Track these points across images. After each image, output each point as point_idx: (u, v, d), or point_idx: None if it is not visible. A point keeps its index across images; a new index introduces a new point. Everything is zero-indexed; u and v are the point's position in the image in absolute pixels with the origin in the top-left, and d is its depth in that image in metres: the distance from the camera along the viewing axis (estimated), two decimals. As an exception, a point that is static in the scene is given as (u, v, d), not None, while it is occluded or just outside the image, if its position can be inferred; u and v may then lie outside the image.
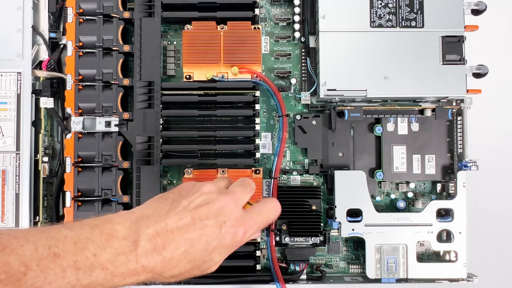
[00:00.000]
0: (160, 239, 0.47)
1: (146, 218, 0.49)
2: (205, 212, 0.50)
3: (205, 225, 0.49)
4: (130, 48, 0.73)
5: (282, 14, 0.79)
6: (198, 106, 0.73)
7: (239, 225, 0.52)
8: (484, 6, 0.73)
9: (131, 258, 0.45)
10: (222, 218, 0.51)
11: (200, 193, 0.52)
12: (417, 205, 0.76)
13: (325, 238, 0.74)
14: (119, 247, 0.45)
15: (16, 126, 0.73)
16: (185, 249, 0.48)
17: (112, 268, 0.45)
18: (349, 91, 0.71)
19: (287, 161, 0.78)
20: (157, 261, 0.47)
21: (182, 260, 0.48)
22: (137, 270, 0.46)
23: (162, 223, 0.48)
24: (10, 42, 0.73)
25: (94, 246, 0.44)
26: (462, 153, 0.75)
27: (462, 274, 0.72)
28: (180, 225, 0.48)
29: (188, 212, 0.50)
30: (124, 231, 0.46)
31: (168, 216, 0.49)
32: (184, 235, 0.48)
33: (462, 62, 0.72)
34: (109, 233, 0.46)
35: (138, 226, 0.47)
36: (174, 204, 0.51)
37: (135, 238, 0.46)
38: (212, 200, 0.51)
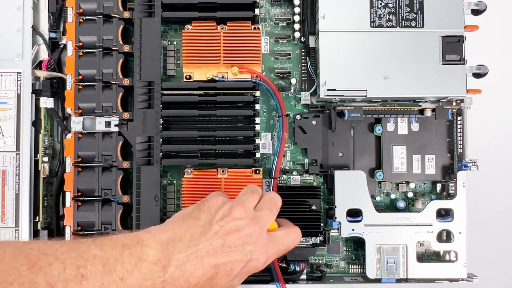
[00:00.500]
0: (190, 265, 0.47)
1: (178, 241, 0.49)
2: (234, 240, 0.51)
3: (232, 253, 0.50)
4: (130, 48, 0.73)
5: (282, 14, 0.79)
6: (198, 106, 0.73)
7: (262, 254, 0.53)
8: (484, 6, 0.73)
9: (157, 284, 0.45)
10: (249, 247, 0.52)
11: (231, 217, 0.53)
12: (417, 205, 0.76)
13: (325, 238, 0.74)
14: (148, 272, 0.45)
15: (16, 126, 0.73)
16: (211, 276, 0.49)
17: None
18: (349, 91, 0.71)
19: (287, 161, 0.78)
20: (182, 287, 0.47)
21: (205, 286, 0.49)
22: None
23: (193, 248, 0.48)
24: (10, 42, 0.73)
25: (123, 269, 0.44)
26: (462, 153, 0.75)
27: (462, 274, 0.72)
28: (210, 251, 0.49)
29: (219, 239, 0.50)
30: (155, 255, 0.46)
31: (201, 241, 0.49)
32: (212, 261, 0.49)
33: (462, 62, 0.72)
34: (139, 256, 0.45)
35: (169, 250, 0.47)
36: (205, 228, 0.51)
37: (165, 263, 0.46)
38: (242, 228, 0.52)
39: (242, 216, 0.54)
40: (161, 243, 0.48)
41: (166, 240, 0.48)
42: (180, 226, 0.51)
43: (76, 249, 0.44)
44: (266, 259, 0.54)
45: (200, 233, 0.50)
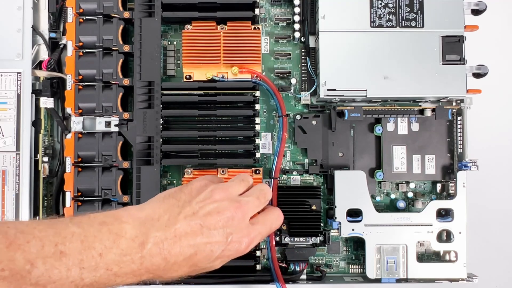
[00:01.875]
0: (167, 243, 0.47)
1: (156, 220, 0.49)
2: (214, 221, 0.50)
3: (212, 235, 0.50)
4: (130, 48, 0.73)
5: (282, 14, 0.79)
6: (198, 106, 0.73)
7: (244, 237, 0.52)
8: (484, 6, 0.73)
9: (135, 260, 0.45)
10: (229, 229, 0.51)
11: (212, 200, 0.52)
12: (417, 205, 0.76)
13: (325, 238, 0.74)
14: (126, 248, 0.45)
15: (16, 126, 0.73)
16: (189, 256, 0.48)
17: (116, 268, 0.45)
18: (349, 91, 0.71)
19: (287, 161, 0.78)
20: (160, 264, 0.47)
21: (184, 266, 0.49)
22: (140, 271, 0.46)
23: (171, 228, 0.48)
24: (10, 42, 0.73)
25: (101, 245, 0.44)
26: (462, 153, 0.75)
27: (462, 274, 0.72)
28: (188, 231, 0.49)
29: (198, 219, 0.50)
30: (133, 232, 0.46)
31: (178, 220, 0.49)
32: (190, 241, 0.48)
33: (462, 62, 0.72)
34: (117, 233, 0.46)
35: (147, 227, 0.47)
36: (185, 208, 0.51)
37: (143, 240, 0.46)
38: (222, 210, 0.51)
39: (224, 198, 0.53)
40: (139, 221, 0.48)
41: (144, 218, 0.48)
42: (159, 206, 0.51)
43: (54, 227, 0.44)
44: (248, 242, 0.53)
45: (179, 213, 0.50)
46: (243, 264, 0.72)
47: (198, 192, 0.53)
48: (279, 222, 0.59)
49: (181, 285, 0.72)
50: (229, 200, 0.53)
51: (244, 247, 0.52)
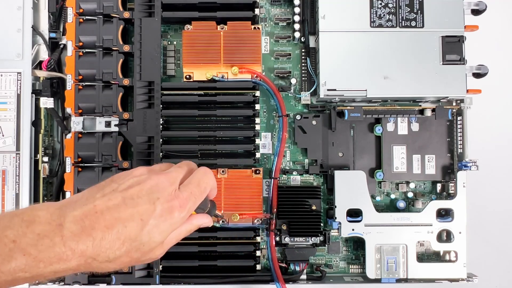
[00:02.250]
0: (88, 220, 0.44)
1: (73, 202, 0.46)
2: (136, 191, 0.47)
3: (137, 203, 0.46)
4: (130, 48, 0.73)
5: (282, 14, 0.79)
6: (198, 106, 0.73)
7: (173, 199, 0.48)
8: (484, 6, 0.73)
9: (57, 241, 0.42)
10: (155, 195, 0.48)
11: (131, 176, 0.49)
12: (417, 205, 0.76)
13: (325, 238, 0.74)
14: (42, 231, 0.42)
15: (16, 126, 0.73)
16: (117, 229, 0.44)
17: (36, 252, 0.41)
18: (349, 91, 0.71)
19: (287, 161, 0.78)
20: (87, 243, 0.43)
21: (115, 241, 0.44)
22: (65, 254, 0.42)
23: (89, 205, 0.45)
24: (10, 42, 0.73)
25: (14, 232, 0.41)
26: (462, 153, 0.75)
27: (462, 274, 0.72)
28: (110, 205, 0.45)
29: (118, 193, 0.47)
30: (48, 216, 0.43)
31: (96, 198, 0.46)
32: (114, 214, 0.45)
33: (462, 62, 0.72)
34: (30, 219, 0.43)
35: (63, 210, 0.44)
36: (104, 188, 0.48)
37: (60, 221, 0.43)
38: (144, 180, 0.49)
39: (144, 173, 0.50)
40: (54, 207, 0.45)
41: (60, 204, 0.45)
42: (77, 194, 0.48)
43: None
44: (180, 204, 0.49)
45: (97, 192, 0.47)
46: (243, 264, 0.72)
47: (118, 176, 0.51)
48: (208, 178, 0.54)
49: (181, 285, 0.72)
50: (150, 172, 0.51)
51: (178, 211, 0.48)
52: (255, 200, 0.72)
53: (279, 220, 0.73)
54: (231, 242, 0.73)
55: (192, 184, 0.52)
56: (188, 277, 0.72)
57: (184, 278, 0.72)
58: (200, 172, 0.54)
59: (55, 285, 0.72)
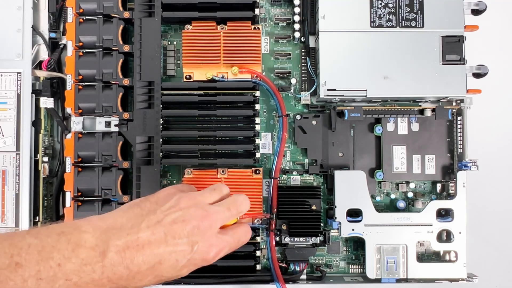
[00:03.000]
0: (130, 252, 0.46)
1: (118, 228, 0.47)
2: (179, 230, 0.49)
3: (177, 243, 0.48)
4: (130, 48, 0.73)
5: (282, 14, 0.79)
6: (198, 106, 0.73)
7: (212, 246, 0.51)
8: (484, 6, 0.73)
9: (96, 269, 0.44)
10: (195, 238, 0.49)
11: (177, 208, 0.51)
12: (417, 205, 0.76)
13: (325, 238, 0.74)
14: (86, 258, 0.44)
15: (16, 126, 0.73)
16: (153, 265, 0.47)
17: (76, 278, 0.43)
18: (349, 91, 0.71)
19: (287, 161, 0.78)
20: (122, 274, 0.45)
21: (148, 275, 0.47)
22: (101, 281, 0.44)
23: (133, 236, 0.47)
24: (10, 42, 0.73)
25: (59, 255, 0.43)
26: (462, 153, 0.75)
27: (462, 274, 0.72)
28: (152, 240, 0.47)
29: (162, 228, 0.48)
30: (93, 241, 0.45)
31: (141, 229, 0.47)
32: (154, 250, 0.47)
33: (462, 62, 0.72)
34: (76, 242, 0.44)
35: (108, 236, 0.46)
36: (149, 216, 0.49)
37: (104, 248, 0.45)
38: (188, 218, 0.50)
39: (190, 206, 0.51)
40: (100, 230, 0.46)
41: (106, 227, 0.47)
42: (122, 215, 0.49)
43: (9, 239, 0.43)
44: (216, 252, 0.52)
45: (142, 221, 0.48)
46: (243, 264, 0.72)
47: (164, 200, 0.52)
48: (247, 237, 0.58)
49: (181, 285, 0.72)
50: (196, 208, 0.52)
51: (212, 257, 0.51)
52: (255, 200, 0.72)
53: (279, 220, 0.73)
54: (231, 242, 0.73)
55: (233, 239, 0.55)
56: (188, 277, 0.72)
57: (184, 278, 0.72)
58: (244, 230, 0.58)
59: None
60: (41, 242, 0.43)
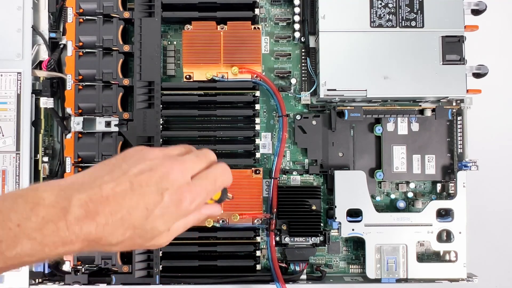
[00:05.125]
0: (93, 204, 0.43)
1: (79, 184, 0.44)
2: (146, 178, 0.46)
3: (144, 192, 0.45)
4: (130, 48, 0.73)
5: (282, 14, 0.79)
6: (198, 106, 0.73)
7: (184, 192, 0.47)
8: (484, 6, 0.73)
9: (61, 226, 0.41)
10: (164, 185, 0.46)
11: (143, 159, 0.48)
12: (417, 205, 0.76)
13: (325, 238, 0.74)
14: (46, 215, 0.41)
15: (16, 126, 0.73)
16: (121, 216, 0.44)
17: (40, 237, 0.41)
18: (349, 91, 0.71)
19: (287, 161, 0.78)
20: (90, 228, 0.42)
21: (119, 227, 0.44)
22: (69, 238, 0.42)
23: (96, 189, 0.44)
24: (10, 42, 0.73)
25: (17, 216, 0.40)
26: (462, 153, 0.75)
27: (462, 274, 0.72)
28: (117, 191, 0.44)
29: (127, 178, 0.45)
30: (52, 198, 0.42)
31: (104, 181, 0.45)
32: (119, 200, 0.44)
33: (462, 62, 0.72)
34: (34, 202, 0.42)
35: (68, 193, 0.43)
36: (113, 170, 0.46)
37: (65, 204, 0.42)
38: (155, 167, 0.47)
39: (158, 156, 0.48)
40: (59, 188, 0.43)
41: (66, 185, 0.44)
42: (85, 173, 0.46)
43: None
44: (191, 198, 0.47)
45: (105, 174, 0.45)
46: (243, 264, 0.72)
47: (131, 154, 0.49)
48: (225, 177, 0.52)
49: (181, 285, 0.72)
50: (164, 157, 0.49)
51: (187, 204, 0.47)
52: (255, 200, 0.72)
53: (279, 220, 0.73)
54: (231, 242, 0.73)
55: (208, 180, 0.50)
56: (188, 277, 0.72)
57: (184, 278, 0.72)
58: (219, 170, 0.52)
59: (55, 285, 0.72)
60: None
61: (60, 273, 0.73)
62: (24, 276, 0.71)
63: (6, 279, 0.71)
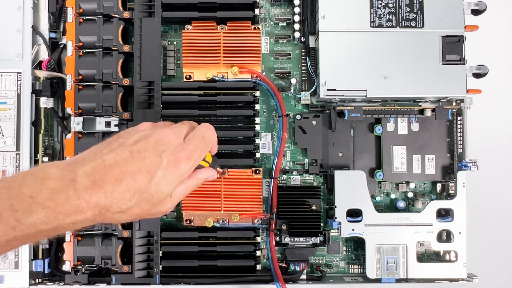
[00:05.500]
0: (98, 174, 0.46)
1: (82, 159, 0.48)
2: (142, 145, 0.50)
3: (143, 156, 0.49)
4: (130, 48, 0.73)
5: (282, 14, 0.79)
6: (198, 106, 0.73)
7: (179, 151, 0.51)
8: (484, 6, 0.73)
9: (71, 194, 0.44)
10: (161, 147, 0.50)
11: (136, 131, 0.52)
12: (417, 205, 0.76)
13: (325, 238, 0.74)
14: (56, 187, 0.44)
15: (16, 126, 0.73)
16: (126, 182, 0.47)
17: (54, 205, 0.43)
18: (349, 91, 0.71)
19: (287, 161, 0.78)
20: (99, 195, 0.45)
21: (126, 193, 0.47)
22: (81, 205, 0.45)
23: (98, 160, 0.47)
24: (10, 42, 0.73)
25: (29, 189, 0.43)
26: (462, 153, 0.75)
27: (462, 274, 0.72)
28: (118, 159, 0.48)
29: (125, 147, 0.49)
30: (58, 173, 0.45)
31: (104, 153, 0.48)
32: (122, 167, 0.47)
33: (462, 62, 0.72)
34: (43, 176, 0.44)
35: (72, 167, 0.46)
36: (111, 144, 0.50)
37: (71, 177, 0.45)
38: (149, 135, 0.51)
39: (148, 127, 0.53)
40: (64, 163, 0.47)
41: (69, 161, 0.47)
42: (84, 152, 0.50)
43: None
44: (187, 156, 0.51)
45: (104, 147, 0.49)
46: (243, 264, 0.72)
47: (125, 132, 0.53)
48: (210, 132, 0.57)
49: (181, 285, 0.72)
50: (156, 127, 0.53)
51: (184, 162, 0.51)
52: (255, 200, 0.72)
53: (279, 220, 0.73)
54: (231, 242, 0.73)
55: (196, 138, 0.54)
56: (188, 277, 0.72)
57: (184, 278, 0.72)
58: (203, 127, 0.57)
59: (55, 285, 0.72)
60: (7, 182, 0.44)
61: (60, 273, 0.73)
62: (24, 276, 0.71)
63: (6, 279, 0.71)
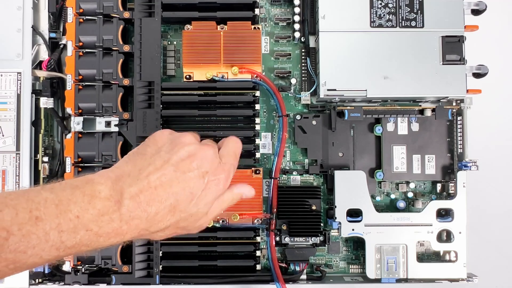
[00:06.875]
0: (144, 196, 0.47)
1: (127, 176, 0.48)
2: (187, 165, 0.50)
3: (188, 178, 0.49)
4: (130, 48, 0.73)
5: (282, 14, 0.79)
6: (198, 106, 0.73)
7: (220, 172, 0.52)
8: (484, 6, 0.73)
9: (115, 218, 0.45)
10: (204, 169, 0.51)
11: (181, 145, 0.52)
12: (417, 205, 0.76)
13: (325, 238, 0.74)
14: (102, 208, 0.45)
15: (16, 126, 0.73)
16: (170, 203, 0.48)
17: (97, 228, 0.44)
18: (349, 91, 0.71)
19: (287, 161, 0.78)
20: (141, 217, 0.46)
21: (167, 214, 0.48)
22: (122, 229, 0.45)
23: (144, 181, 0.47)
24: (10, 42, 0.73)
25: (77, 208, 0.43)
26: (462, 153, 0.75)
27: (462, 274, 0.72)
28: (164, 180, 0.48)
29: (171, 167, 0.49)
30: (107, 192, 0.46)
31: (150, 172, 0.48)
32: (167, 189, 0.48)
33: (462, 62, 0.72)
34: (91, 194, 0.45)
35: (120, 185, 0.47)
36: (154, 159, 0.50)
37: (118, 197, 0.46)
38: (193, 152, 0.51)
39: (192, 141, 0.53)
40: (111, 180, 0.47)
41: (115, 177, 0.48)
42: (128, 163, 0.50)
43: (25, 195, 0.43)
44: (226, 177, 0.53)
45: (149, 165, 0.49)
46: (243, 264, 0.72)
47: (162, 141, 0.53)
48: (238, 144, 0.58)
49: (181, 285, 0.72)
50: (196, 143, 0.53)
51: (223, 182, 0.52)
52: (255, 200, 0.72)
53: (279, 220, 0.73)
54: (231, 242, 0.73)
55: (230, 156, 0.55)
56: (188, 277, 0.72)
57: (184, 278, 0.72)
58: (232, 142, 0.58)
59: (55, 285, 0.72)
60: (57, 196, 0.44)
61: (60, 273, 0.73)
62: (24, 276, 0.71)
63: (6, 279, 0.71)
